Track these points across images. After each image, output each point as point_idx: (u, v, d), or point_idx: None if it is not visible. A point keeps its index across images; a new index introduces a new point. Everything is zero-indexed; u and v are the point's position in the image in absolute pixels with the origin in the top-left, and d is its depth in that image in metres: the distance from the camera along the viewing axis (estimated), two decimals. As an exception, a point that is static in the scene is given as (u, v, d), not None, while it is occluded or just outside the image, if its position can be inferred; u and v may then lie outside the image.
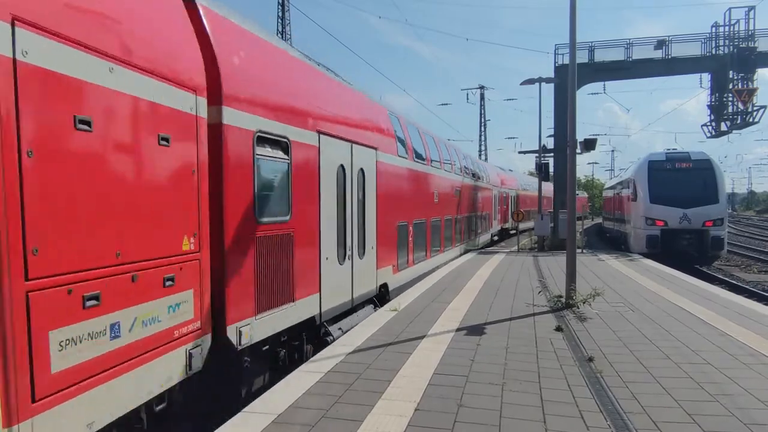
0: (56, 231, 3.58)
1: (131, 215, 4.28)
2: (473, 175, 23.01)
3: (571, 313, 9.60)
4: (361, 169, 9.79)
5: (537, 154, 25.50)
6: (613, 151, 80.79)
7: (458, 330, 8.33)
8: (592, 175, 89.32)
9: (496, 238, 30.89)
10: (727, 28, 24.67)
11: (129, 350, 4.27)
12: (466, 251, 21.83)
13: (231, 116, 5.73)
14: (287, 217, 6.93)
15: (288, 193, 6.97)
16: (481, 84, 62.06)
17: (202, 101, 5.30)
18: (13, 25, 3.25)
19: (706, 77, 26.02)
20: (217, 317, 5.54)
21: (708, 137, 26.90)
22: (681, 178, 21.33)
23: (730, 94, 24.66)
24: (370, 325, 8.67)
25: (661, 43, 24.59)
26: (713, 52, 24.70)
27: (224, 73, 5.61)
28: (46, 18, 3.51)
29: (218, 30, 5.77)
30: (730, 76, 24.55)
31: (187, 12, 5.37)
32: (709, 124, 26.18)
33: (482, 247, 25.54)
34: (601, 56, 25.30)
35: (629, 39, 25.33)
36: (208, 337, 5.39)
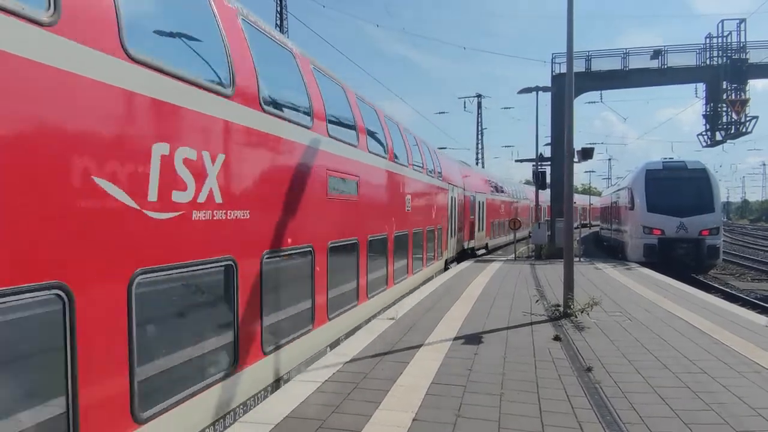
0: None
1: None
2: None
3: (569, 323, 9.60)
4: None
5: (534, 163, 25.56)
6: (609, 159, 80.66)
7: (456, 339, 8.32)
8: (589, 183, 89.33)
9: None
10: (720, 40, 24.87)
11: None
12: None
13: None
14: None
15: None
16: (478, 92, 62.39)
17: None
18: None
19: (701, 87, 26.15)
20: None
21: (703, 146, 26.97)
22: (677, 187, 21.38)
23: (725, 104, 24.78)
24: (367, 333, 8.65)
25: (657, 53, 24.72)
26: (707, 62, 24.85)
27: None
28: None
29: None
30: (724, 86, 24.67)
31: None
32: (704, 133, 26.26)
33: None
34: (597, 65, 25.40)
35: (626, 48, 25.47)
36: None
